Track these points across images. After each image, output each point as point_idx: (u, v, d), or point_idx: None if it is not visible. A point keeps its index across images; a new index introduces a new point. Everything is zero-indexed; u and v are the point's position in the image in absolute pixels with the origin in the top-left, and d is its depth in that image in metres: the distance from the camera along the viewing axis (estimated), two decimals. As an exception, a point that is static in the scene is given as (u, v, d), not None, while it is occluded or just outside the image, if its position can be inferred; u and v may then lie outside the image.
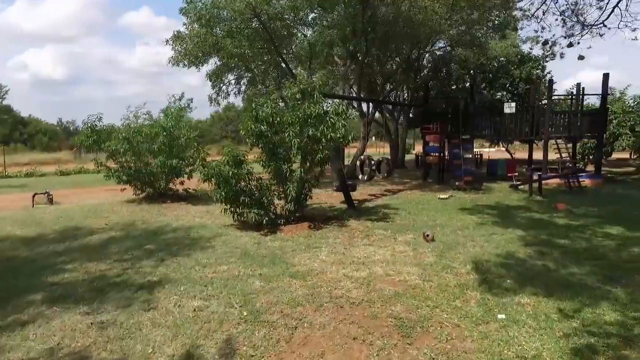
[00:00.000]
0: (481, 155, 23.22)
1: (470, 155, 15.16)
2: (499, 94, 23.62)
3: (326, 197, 12.70)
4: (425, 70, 22.31)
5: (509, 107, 15.57)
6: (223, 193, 8.02)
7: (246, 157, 8.39)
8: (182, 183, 12.63)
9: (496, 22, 16.08)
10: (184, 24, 14.87)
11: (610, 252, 6.16)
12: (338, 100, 12.64)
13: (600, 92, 14.67)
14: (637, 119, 15.67)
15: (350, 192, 11.36)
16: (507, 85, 22.10)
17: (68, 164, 27.66)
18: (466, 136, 15.58)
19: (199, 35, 14.26)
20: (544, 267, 5.46)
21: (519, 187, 13.61)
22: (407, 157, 29.30)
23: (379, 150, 37.30)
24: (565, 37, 10.78)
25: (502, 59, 21.27)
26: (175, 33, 15.08)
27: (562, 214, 9.34)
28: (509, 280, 4.99)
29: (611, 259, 5.81)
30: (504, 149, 25.17)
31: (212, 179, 8.07)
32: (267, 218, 8.16)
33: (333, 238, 7.43)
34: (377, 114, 24.57)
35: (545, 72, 23.69)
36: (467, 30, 16.29)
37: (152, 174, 12.07)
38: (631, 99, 17.50)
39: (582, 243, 6.71)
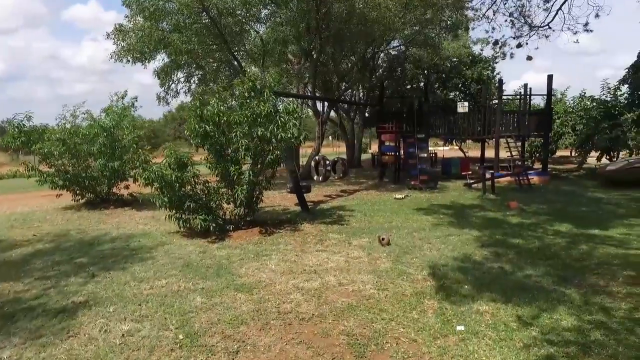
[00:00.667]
0: (435, 154, 23.65)
1: (426, 155, 15.23)
2: (452, 93, 24.17)
3: (280, 199, 12.28)
4: (380, 70, 22.39)
5: (462, 107, 15.80)
6: (166, 199, 7.40)
7: (191, 159, 7.80)
8: (127, 187, 11.76)
9: (449, 22, 16.28)
10: (126, 17, 13.94)
11: (562, 251, 6.15)
12: (291, 99, 12.21)
13: (545, 93, 15.19)
14: (577, 118, 16.40)
15: (305, 194, 10.99)
16: (460, 85, 22.63)
17: (3, 167, 25.50)
18: (421, 135, 15.65)
19: (143, 29, 13.38)
20: (500, 270, 5.32)
21: (473, 185, 13.81)
22: (364, 156, 29.40)
23: (336, 149, 37.26)
24: (514, 38, 10.99)
25: (455, 59, 21.72)
26: (117, 26, 14.09)
27: (515, 212, 9.44)
28: (466, 286, 4.79)
29: (563, 258, 5.78)
30: (457, 147, 25.77)
31: (154, 184, 7.43)
32: (214, 224, 7.62)
33: (284, 244, 7.03)
34: (333, 114, 24.44)
35: (495, 73, 24.55)
36: (420, 30, 16.39)
37: (92, 178, 11.16)
38: (571, 100, 18.32)
39: (535, 242, 6.70)
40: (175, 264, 5.98)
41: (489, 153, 17.84)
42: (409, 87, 22.47)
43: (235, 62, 15.83)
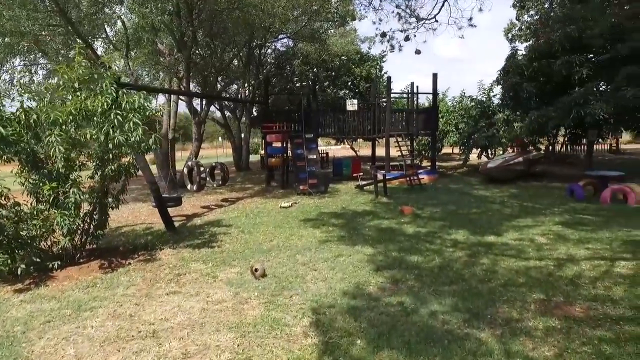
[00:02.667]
0: (327, 153, 22.98)
1: (315, 156, 14.18)
2: (342, 92, 23.75)
3: (148, 214, 10.14)
4: (267, 66, 20.95)
5: (352, 105, 15.12)
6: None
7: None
8: None
9: (336, 14, 15.44)
10: None
11: (465, 269, 5.33)
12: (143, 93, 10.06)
13: (431, 91, 15.23)
14: (459, 117, 16.90)
15: (175, 207, 9.08)
16: (349, 83, 22.23)
17: None
18: (310, 135, 14.60)
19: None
20: (401, 308, 4.21)
21: (365, 187, 13.11)
22: (254, 158, 27.73)
23: (226, 151, 34.98)
24: (402, 32, 10.38)
25: (344, 57, 21.22)
26: None
27: (409, 218, 8.71)
28: (359, 341, 3.54)
29: (468, 280, 4.93)
30: (349, 146, 25.52)
31: None
32: (23, 266, 5.39)
33: (126, 285, 5.17)
34: (218, 113, 22.37)
35: (383, 72, 24.76)
36: (308, 22, 15.31)
37: None
38: (451, 100, 18.96)
39: (435, 258, 5.83)
40: None
41: (380, 152, 17.57)
42: (298, 84, 21.43)
43: (90, 51, 13.01)
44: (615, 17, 10.34)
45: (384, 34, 11.70)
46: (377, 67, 22.50)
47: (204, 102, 15.05)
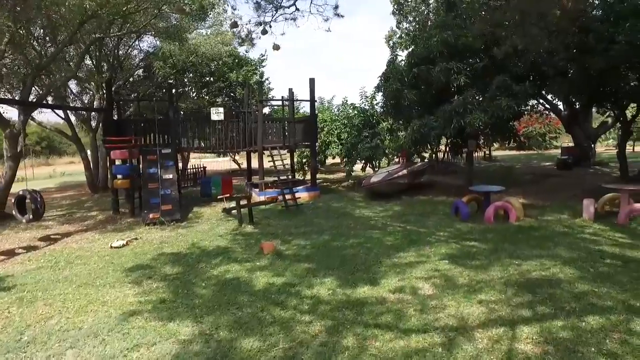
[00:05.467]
0: (204, 168, 20.30)
1: (172, 175, 11.54)
2: (220, 99, 21.29)
3: None
4: (120, 67, 17.61)
5: (217, 114, 12.84)
6: None
7: None
8: None
9: (192, 4, 12.98)
10: None
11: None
12: None
13: (309, 99, 13.63)
14: (341, 127, 15.62)
15: None
16: (225, 89, 19.90)
17: None
18: (167, 150, 11.97)
19: None
20: None
21: (233, 211, 10.87)
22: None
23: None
24: (260, 24, 8.47)
25: (219, 60, 18.80)
26: None
27: (267, 259, 6.71)
28: None
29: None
30: (230, 158, 23.09)
31: None
32: None
33: None
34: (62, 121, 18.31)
35: (264, 79, 22.87)
36: (159, 13, 12.65)
37: None
38: (335, 108, 17.73)
39: (280, 341, 3.85)
40: None
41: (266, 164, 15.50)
42: (163, 90, 18.43)
43: None
44: (483, 24, 9.77)
45: (234, 24, 9.69)
46: (256, 72, 20.50)
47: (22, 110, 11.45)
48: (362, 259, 6.44)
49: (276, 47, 8.03)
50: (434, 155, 19.69)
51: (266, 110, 23.75)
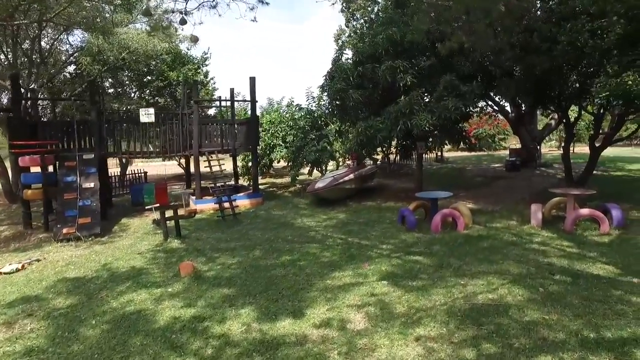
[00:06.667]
0: (145, 173, 18.76)
1: (93, 184, 10.24)
2: (161, 99, 19.82)
3: None
4: (43, 63, 15.82)
5: (147, 115, 11.61)
6: None
7: None
8: None
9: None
10: None
11: None
12: None
13: (249, 99, 12.66)
14: (287, 129, 14.74)
15: None
16: (165, 89, 18.51)
17: None
18: (89, 156, 10.68)
19: None
20: None
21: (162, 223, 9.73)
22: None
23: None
24: (182, 13, 7.45)
25: (157, 58, 17.38)
26: None
27: (183, 283, 5.73)
28: None
29: None
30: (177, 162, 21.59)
31: None
32: None
33: None
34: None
35: (209, 79, 21.63)
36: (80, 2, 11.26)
37: None
38: (283, 110, 16.83)
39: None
40: None
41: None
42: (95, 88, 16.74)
43: None
44: (426, 18, 9.23)
45: (147, 12, 8.61)
46: (199, 70, 19.21)
47: None
48: (291, 280, 5.60)
49: (194, 39, 7.06)
50: (386, 157, 19.25)
51: (213, 111, 22.50)
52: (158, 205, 10.70)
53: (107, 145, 11.96)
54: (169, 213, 8.78)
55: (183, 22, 6.90)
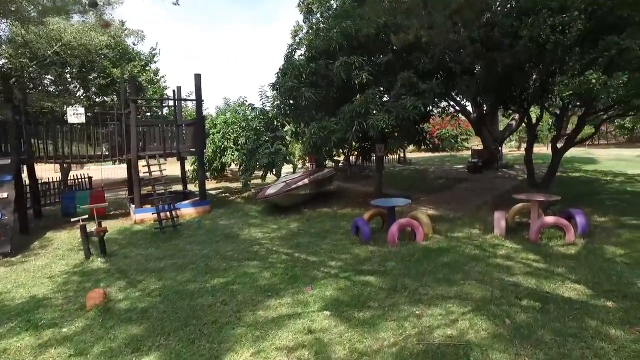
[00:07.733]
0: (90, 178, 17.14)
1: (7, 194, 8.90)
2: (109, 98, 18.28)
3: None
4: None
5: (76, 115, 10.32)
6: None
7: None
8: None
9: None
10: None
11: None
12: None
13: (195, 98, 11.58)
14: (239, 130, 13.70)
15: None
16: (108, 87, 17.04)
17: None
18: (4, 161, 9.35)
19: None
20: None
21: (94, 237, 8.46)
22: None
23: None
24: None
25: (97, 53, 15.90)
26: None
27: (85, 320, 4.66)
28: None
29: None
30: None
31: None
32: None
33: None
34: None
35: (159, 77, 20.23)
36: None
37: None
38: (235, 111, 15.76)
39: None
40: None
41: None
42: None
43: None
44: (377, 6, 8.50)
45: (93, 3, 7.48)
46: (147, 67, 17.85)
47: None
48: (217, 312, 4.65)
49: (106, 25, 6.01)
50: (347, 159, 18.54)
51: (166, 112, 21.08)
52: (86, 217, 9.43)
53: (35, 149, 10.64)
54: (90, 227, 7.63)
55: (94, 4, 5.82)
